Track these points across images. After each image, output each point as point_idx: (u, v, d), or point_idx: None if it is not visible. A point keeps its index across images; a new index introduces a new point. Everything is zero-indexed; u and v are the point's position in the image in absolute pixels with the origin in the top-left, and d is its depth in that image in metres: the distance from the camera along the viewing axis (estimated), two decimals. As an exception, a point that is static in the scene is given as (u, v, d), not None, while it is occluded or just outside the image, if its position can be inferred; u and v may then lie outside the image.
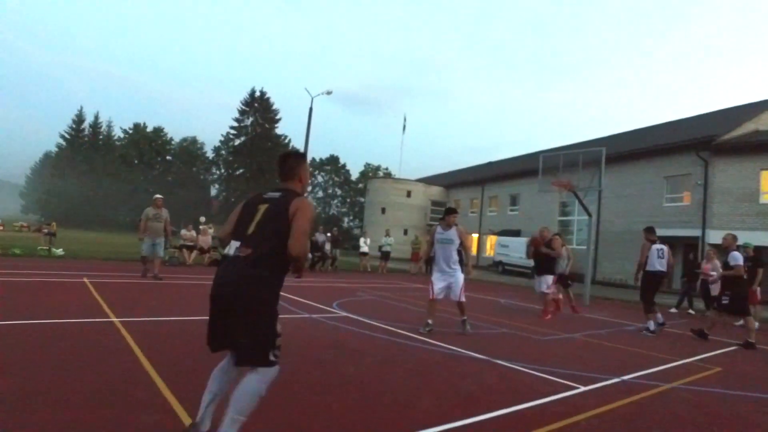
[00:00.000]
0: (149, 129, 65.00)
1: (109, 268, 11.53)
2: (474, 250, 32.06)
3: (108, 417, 2.76)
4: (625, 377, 4.76)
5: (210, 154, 65.00)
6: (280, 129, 61.22)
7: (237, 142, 58.80)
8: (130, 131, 64.49)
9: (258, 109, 58.24)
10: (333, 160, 73.46)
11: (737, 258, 7.53)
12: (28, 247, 15.04)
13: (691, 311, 12.33)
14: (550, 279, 9.15)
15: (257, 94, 58.24)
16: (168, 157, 66.00)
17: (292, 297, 9.03)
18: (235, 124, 58.54)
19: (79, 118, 63.03)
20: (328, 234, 18.99)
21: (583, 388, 4.22)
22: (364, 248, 20.05)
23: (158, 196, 10.58)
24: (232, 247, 2.39)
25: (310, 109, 24.46)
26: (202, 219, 17.23)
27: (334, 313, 7.56)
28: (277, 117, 59.46)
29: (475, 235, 33.04)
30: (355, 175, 73.86)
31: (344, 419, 3.07)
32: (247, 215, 2.47)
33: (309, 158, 31.86)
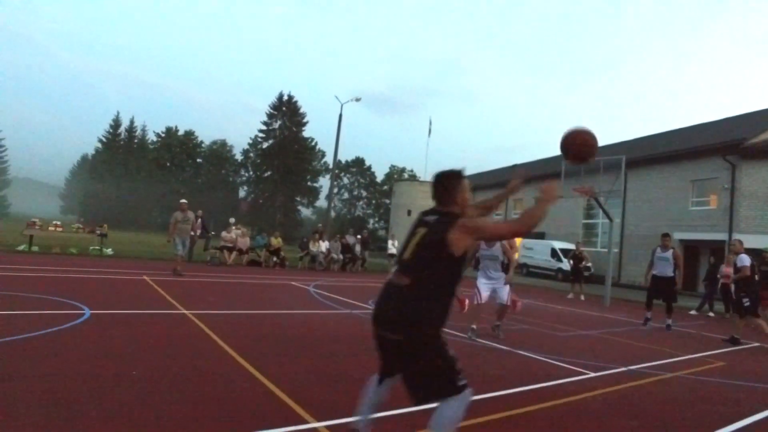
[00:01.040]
0: (180, 132, 67.24)
1: (158, 266, 12.54)
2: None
3: (209, 387, 3.56)
4: (632, 367, 5.37)
5: (239, 157, 66.80)
6: (308, 132, 62.54)
7: (265, 145, 60.26)
8: (163, 135, 66.81)
9: (286, 112, 59.59)
10: (358, 161, 74.44)
11: (744, 260, 8.06)
12: (82, 247, 16.24)
13: (711, 314, 12.65)
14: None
15: (285, 98, 59.59)
16: (198, 160, 68.09)
17: (332, 295, 9.84)
18: (264, 127, 60.04)
19: (116, 123, 65.67)
20: (358, 236, 19.79)
21: (592, 374, 4.85)
22: (392, 250, 20.79)
23: (183, 201, 11.48)
24: (394, 270, 2.37)
25: (340, 116, 25.30)
26: (232, 220, 18.11)
27: (370, 309, 8.32)
28: (305, 120, 60.72)
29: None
30: (380, 177, 74.69)
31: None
32: (410, 235, 2.36)
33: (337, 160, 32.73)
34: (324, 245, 17.61)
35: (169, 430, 2.67)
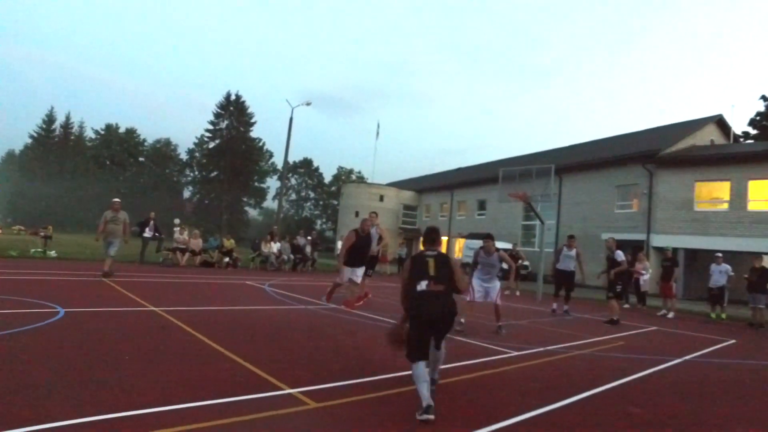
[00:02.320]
0: (121, 130, 64.78)
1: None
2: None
3: (193, 368, 4.21)
4: (549, 347, 6.42)
5: (184, 156, 65.23)
6: (255, 132, 62.02)
7: (212, 144, 59.29)
8: (102, 132, 64.14)
9: (233, 112, 58.91)
10: (306, 162, 74.52)
11: (620, 255, 9.96)
12: (22, 249, 15.82)
13: (626, 305, 14.27)
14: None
15: (233, 97, 58.92)
16: (141, 159, 65.88)
17: (287, 293, 10.49)
18: (210, 126, 59.06)
19: (50, 118, 62.41)
20: (308, 237, 20.38)
21: (515, 353, 5.84)
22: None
23: (115, 200, 11.20)
24: (422, 284, 3.62)
25: (290, 121, 25.75)
26: (177, 221, 18.11)
27: (324, 305, 9.04)
28: (253, 120, 60.24)
29: (445, 238, 34.84)
30: (328, 178, 75.06)
31: (350, 357, 4.59)
32: (422, 264, 3.75)
33: (288, 162, 32.91)
34: (276, 246, 18.08)
35: (169, 392, 3.32)
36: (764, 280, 10.97)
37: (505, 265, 7.97)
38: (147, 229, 15.23)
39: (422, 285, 3.61)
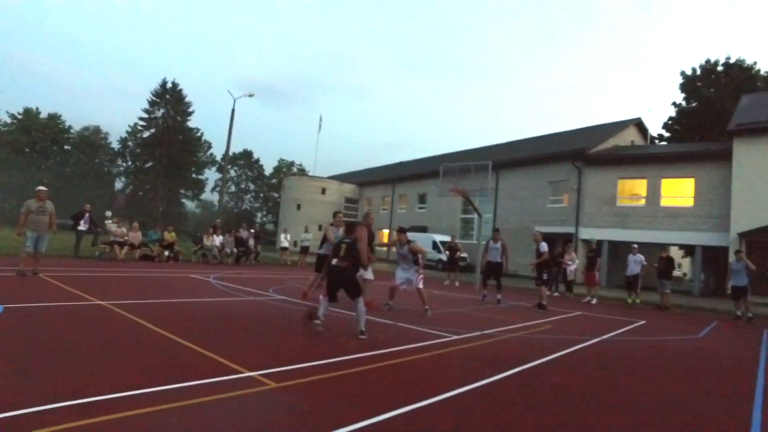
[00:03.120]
0: (43, 115, 60.27)
1: (47, 263, 12.06)
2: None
3: (155, 356, 4.35)
4: (485, 331, 7.01)
5: (115, 145, 61.80)
6: (193, 122, 59.79)
7: (146, 134, 56.53)
8: (20, 116, 59.36)
9: (170, 100, 56.38)
10: (247, 154, 72.84)
11: (544, 247, 10.94)
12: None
13: (556, 293, 15.40)
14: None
15: (169, 85, 56.40)
16: (66, 147, 61.67)
17: (233, 285, 10.54)
18: (145, 115, 56.23)
19: (-41, 101, 56.90)
20: (252, 230, 20.24)
21: (454, 337, 6.35)
22: (284, 243, 21.54)
23: (41, 188, 10.14)
24: (334, 261, 5.89)
25: (232, 112, 25.26)
26: (108, 213, 17.43)
27: (272, 296, 9.22)
28: (190, 109, 57.99)
29: (386, 231, 35.48)
30: (268, 170, 73.79)
31: (302, 342, 4.89)
32: (338, 248, 6.00)
33: (230, 153, 32.18)
34: (218, 239, 17.85)
35: (132, 379, 3.48)
36: (670, 268, 12.32)
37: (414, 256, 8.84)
38: (82, 222, 14.59)
39: (334, 261, 5.92)
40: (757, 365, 6.03)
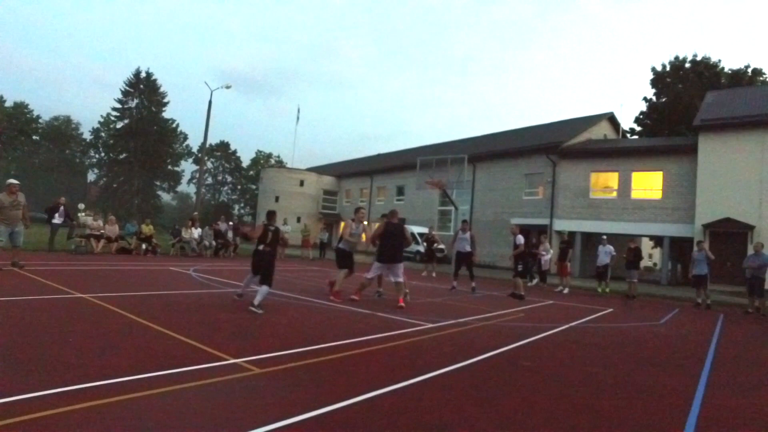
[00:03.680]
0: (8, 104, 58.47)
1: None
2: (363, 237, 34.87)
3: (140, 345, 4.49)
4: (460, 320, 7.30)
5: (87, 136, 60.38)
6: (168, 113, 58.75)
7: (120, 124, 55.43)
8: (-15, 105, 57.48)
9: (144, 90, 55.36)
10: (223, 146, 71.98)
11: (520, 239, 11.36)
12: None
13: (530, 283, 15.86)
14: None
15: (143, 74, 55.28)
16: (35, 137, 60.03)
17: (212, 278, 10.62)
18: (118, 105, 55.11)
19: None
20: (230, 223, 20.20)
21: (430, 325, 6.62)
22: (265, 236, 21.51)
23: (12, 181, 9.82)
24: (260, 246, 6.94)
25: (209, 104, 24.99)
26: (81, 206, 17.19)
27: (253, 288, 9.33)
28: (165, 100, 57.01)
29: (366, 222, 35.65)
30: (246, 162, 73.10)
31: (284, 331, 5.08)
32: (265, 234, 7.02)
33: (207, 145, 31.86)
34: (197, 232, 17.80)
35: (120, 366, 3.63)
36: (637, 258, 12.86)
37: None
38: (56, 215, 14.39)
39: (260, 246, 6.97)
40: (709, 347, 6.47)
